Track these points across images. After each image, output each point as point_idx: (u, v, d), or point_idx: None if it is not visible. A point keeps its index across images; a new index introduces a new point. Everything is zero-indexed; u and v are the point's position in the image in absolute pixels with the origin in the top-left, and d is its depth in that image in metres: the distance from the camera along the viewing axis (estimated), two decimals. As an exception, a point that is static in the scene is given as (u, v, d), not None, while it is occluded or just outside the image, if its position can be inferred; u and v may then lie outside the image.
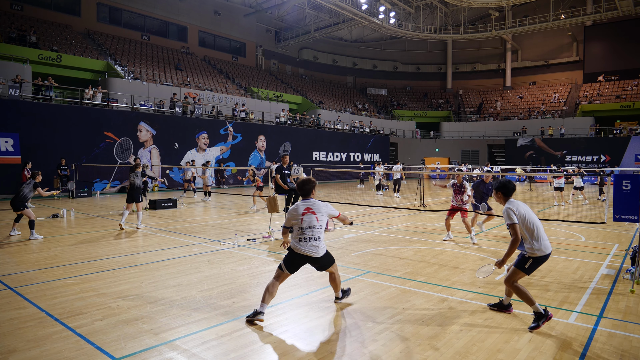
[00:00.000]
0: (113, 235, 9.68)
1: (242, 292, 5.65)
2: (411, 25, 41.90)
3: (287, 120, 31.04)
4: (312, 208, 4.90)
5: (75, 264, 7.03)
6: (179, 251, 8.09)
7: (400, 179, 20.53)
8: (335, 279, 5.12)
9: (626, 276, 6.35)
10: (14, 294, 5.43)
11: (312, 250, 4.77)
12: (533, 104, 42.93)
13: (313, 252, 4.77)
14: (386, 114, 45.34)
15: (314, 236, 4.81)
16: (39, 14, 26.77)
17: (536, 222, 4.57)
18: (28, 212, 9.30)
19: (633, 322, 4.66)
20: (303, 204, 4.95)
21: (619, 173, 16.06)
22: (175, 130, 23.22)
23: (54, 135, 18.63)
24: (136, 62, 27.85)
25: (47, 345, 3.97)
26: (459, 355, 3.85)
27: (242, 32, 39.07)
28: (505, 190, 4.69)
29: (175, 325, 4.45)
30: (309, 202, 4.95)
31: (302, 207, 4.91)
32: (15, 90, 18.08)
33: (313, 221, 4.83)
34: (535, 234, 4.51)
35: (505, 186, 4.69)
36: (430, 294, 5.56)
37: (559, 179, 16.27)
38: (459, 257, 7.78)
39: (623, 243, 9.14)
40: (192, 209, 15.04)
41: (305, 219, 4.83)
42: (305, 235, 4.80)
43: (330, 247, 8.50)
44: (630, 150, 32.00)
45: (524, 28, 39.48)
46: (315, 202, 4.98)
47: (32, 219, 9.29)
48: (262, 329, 4.40)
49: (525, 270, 4.56)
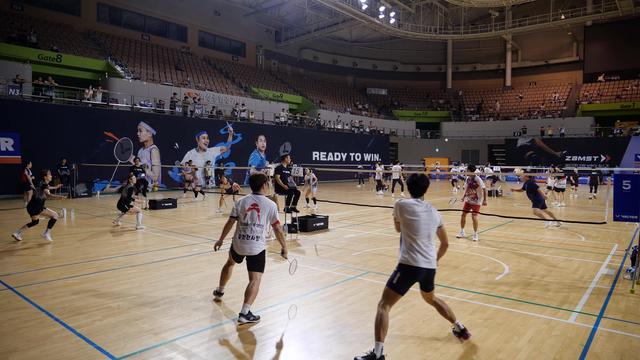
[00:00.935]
0: (113, 235, 9.68)
1: (242, 292, 5.64)
2: (411, 25, 41.89)
3: (287, 120, 31.04)
4: (258, 205, 4.93)
5: (75, 264, 7.03)
6: (179, 251, 8.09)
7: (399, 179, 20.54)
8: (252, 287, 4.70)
9: (626, 276, 6.35)
10: (14, 294, 5.43)
11: (248, 248, 4.83)
12: (533, 104, 42.93)
13: (248, 250, 4.83)
14: (386, 114, 45.34)
15: (253, 235, 4.85)
16: (39, 14, 26.77)
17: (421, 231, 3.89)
18: (48, 212, 8.94)
19: (633, 322, 4.66)
20: (252, 198, 5.00)
21: (619, 173, 16.09)
22: (175, 130, 23.22)
23: (54, 135, 18.63)
24: (136, 62, 27.85)
25: (47, 345, 3.97)
26: (459, 355, 3.85)
27: (242, 32, 39.06)
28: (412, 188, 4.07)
29: (175, 325, 4.45)
30: (257, 198, 4.99)
31: (249, 201, 4.96)
32: (15, 90, 18.07)
33: (255, 218, 4.88)
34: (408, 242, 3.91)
35: (414, 184, 4.05)
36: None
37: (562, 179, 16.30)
38: (459, 257, 7.77)
39: (623, 243, 9.14)
40: (192, 209, 15.04)
41: (248, 215, 4.90)
42: (245, 232, 4.86)
43: (331, 247, 8.50)
44: (630, 150, 31.99)
45: (524, 28, 39.48)
46: (262, 199, 4.99)
47: (54, 219, 8.91)
48: (262, 329, 4.40)
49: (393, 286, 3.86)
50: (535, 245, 8.94)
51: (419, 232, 3.87)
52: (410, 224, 3.89)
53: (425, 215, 3.91)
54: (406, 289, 3.86)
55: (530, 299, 5.40)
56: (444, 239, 4.13)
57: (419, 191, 4.03)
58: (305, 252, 8.17)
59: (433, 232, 3.97)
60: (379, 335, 3.64)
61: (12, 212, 13.50)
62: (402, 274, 3.84)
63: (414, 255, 3.84)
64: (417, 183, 4.02)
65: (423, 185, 4.03)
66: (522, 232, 10.52)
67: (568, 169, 28.06)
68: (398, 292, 3.83)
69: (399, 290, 3.83)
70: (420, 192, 4.03)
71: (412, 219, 3.88)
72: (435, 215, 3.99)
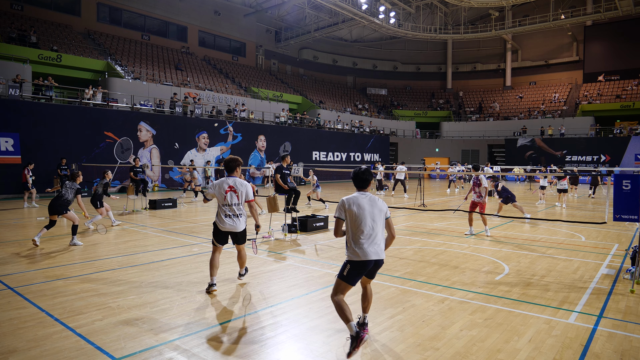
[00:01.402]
0: (113, 236, 9.68)
1: (242, 292, 5.65)
2: (411, 25, 41.89)
3: (287, 120, 31.03)
4: (234, 187, 5.52)
5: (75, 264, 7.03)
6: (179, 251, 8.09)
7: (403, 180, 20.50)
8: (241, 257, 5.85)
9: (626, 276, 6.35)
10: (14, 294, 5.43)
11: (232, 225, 5.51)
12: (533, 103, 42.93)
13: (232, 227, 5.51)
14: (386, 114, 45.34)
15: (237, 212, 5.53)
16: (39, 14, 26.77)
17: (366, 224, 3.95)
18: (71, 216, 8.49)
19: (633, 322, 4.66)
20: (227, 180, 5.54)
21: (619, 173, 16.07)
22: (175, 130, 23.22)
23: (54, 135, 18.63)
24: (136, 62, 27.85)
25: (47, 345, 3.97)
26: (459, 355, 3.85)
27: (242, 32, 39.06)
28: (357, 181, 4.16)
29: (175, 325, 4.45)
30: (231, 180, 5.55)
31: (225, 184, 5.51)
32: (15, 90, 18.07)
33: (234, 199, 5.50)
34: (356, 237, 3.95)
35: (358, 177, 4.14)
36: (430, 294, 5.55)
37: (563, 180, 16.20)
38: (459, 257, 7.78)
39: (623, 243, 9.14)
40: (192, 209, 15.04)
41: (227, 197, 5.48)
42: (228, 212, 5.51)
43: (331, 247, 8.50)
44: (630, 150, 31.99)
45: (524, 28, 39.47)
46: (237, 181, 5.58)
47: (75, 224, 8.48)
48: (262, 329, 4.40)
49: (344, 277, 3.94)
50: (535, 245, 8.94)
51: (365, 224, 3.94)
52: (357, 217, 3.95)
53: (369, 206, 4.00)
54: (357, 280, 3.98)
55: (530, 299, 5.40)
56: (390, 231, 4.19)
57: (363, 184, 4.15)
58: (305, 252, 8.17)
59: (380, 223, 4.03)
60: (346, 319, 3.81)
61: (12, 212, 13.50)
62: (352, 268, 3.94)
63: (362, 248, 3.91)
64: (361, 176, 4.14)
65: (366, 178, 4.15)
66: (522, 232, 10.53)
67: (566, 169, 28.00)
68: (348, 284, 3.95)
69: (350, 282, 3.95)
70: (365, 185, 4.15)
71: (358, 211, 3.95)
72: (380, 205, 4.07)
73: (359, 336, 3.71)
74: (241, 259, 5.87)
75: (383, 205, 4.10)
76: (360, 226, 3.94)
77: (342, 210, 4.02)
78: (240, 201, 5.52)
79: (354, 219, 3.96)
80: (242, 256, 5.85)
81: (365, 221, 3.95)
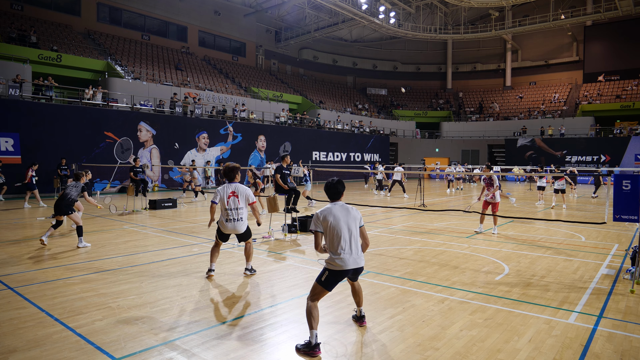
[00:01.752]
0: (113, 235, 9.68)
1: (242, 292, 5.65)
2: (411, 25, 41.89)
3: (287, 120, 31.04)
4: (235, 192, 5.99)
5: (75, 264, 7.03)
6: (179, 251, 8.09)
7: (400, 181, 20.48)
8: (247, 250, 6.28)
9: (626, 276, 6.35)
10: (14, 294, 5.43)
11: (233, 228, 5.99)
12: (533, 104, 42.93)
13: (233, 229, 6.01)
14: (386, 114, 45.34)
15: (237, 217, 5.97)
16: (39, 14, 26.77)
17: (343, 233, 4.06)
18: (75, 217, 8.37)
19: (633, 322, 4.66)
20: (229, 187, 6.00)
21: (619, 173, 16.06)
22: (175, 130, 23.22)
23: (54, 135, 18.63)
24: (136, 62, 27.85)
25: (47, 345, 3.98)
26: (459, 355, 3.85)
27: (242, 32, 39.06)
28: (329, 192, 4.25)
29: (175, 325, 4.45)
30: (233, 186, 6.04)
31: (228, 190, 5.98)
32: (15, 90, 18.07)
33: (236, 203, 5.97)
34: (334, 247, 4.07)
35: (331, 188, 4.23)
36: (430, 294, 5.55)
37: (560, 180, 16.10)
38: (459, 257, 7.78)
39: (623, 243, 9.14)
40: (192, 209, 15.04)
41: (230, 201, 5.94)
42: (230, 216, 5.95)
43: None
44: (630, 150, 31.99)
45: (524, 28, 39.47)
46: (238, 186, 6.04)
47: (79, 225, 8.36)
48: (262, 329, 4.40)
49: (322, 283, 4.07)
50: (535, 245, 8.94)
51: (341, 232, 4.05)
52: (333, 227, 4.05)
53: (343, 216, 4.12)
54: (333, 286, 4.11)
55: (530, 299, 5.40)
56: (364, 240, 4.28)
57: (336, 196, 4.25)
58: (305, 252, 8.17)
59: (355, 230, 4.14)
60: (311, 325, 3.91)
61: (12, 212, 13.50)
62: (330, 275, 4.07)
63: (341, 258, 4.02)
64: (333, 189, 4.24)
65: (340, 190, 4.25)
66: (522, 232, 10.53)
67: (564, 169, 28.00)
68: (325, 289, 4.09)
69: (327, 288, 4.08)
70: (337, 197, 4.25)
71: (334, 222, 4.06)
72: (354, 213, 4.20)
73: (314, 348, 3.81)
74: (247, 251, 6.28)
75: (357, 213, 4.22)
76: (337, 236, 4.04)
77: (317, 222, 4.11)
78: (241, 205, 6.00)
79: (331, 230, 4.05)
80: (248, 249, 6.27)
81: (342, 231, 4.05)
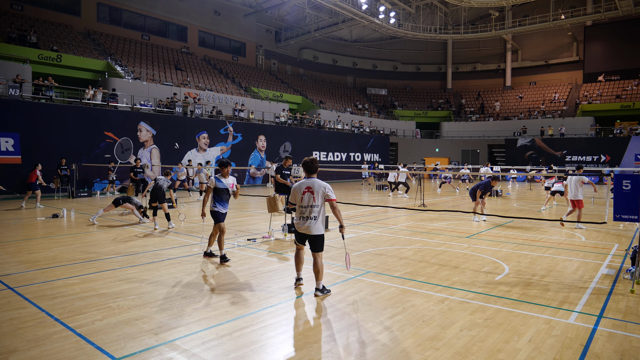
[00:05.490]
0: (113, 235, 9.68)
1: (242, 292, 5.65)
2: (411, 25, 41.89)
3: (287, 120, 31.04)
4: (312, 188, 5.39)
5: (75, 264, 7.03)
6: (179, 251, 8.09)
7: (405, 182, 20.34)
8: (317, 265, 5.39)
9: (626, 276, 6.35)
10: (14, 294, 5.43)
11: (307, 227, 5.37)
12: (533, 104, 42.93)
13: (306, 229, 5.38)
14: (386, 114, 45.34)
15: (311, 215, 5.36)
16: (39, 14, 26.77)
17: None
18: (165, 206, 10.63)
19: (633, 322, 4.66)
20: (305, 182, 5.50)
21: (619, 173, 16.02)
22: (175, 130, 23.22)
23: (54, 135, 18.63)
24: (136, 62, 27.85)
25: (47, 345, 3.97)
26: (459, 355, 3.85)
27: (242, 32, 39.06)
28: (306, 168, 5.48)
29: (175, 325, 4.46)
30: (310, 182, 5.47)
31: (304, 185, 5.47)
32: (15, 90, 18.07)
33: (310, 201, 5.38)
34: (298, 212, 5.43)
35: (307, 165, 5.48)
36: (430, 294, 5.55)
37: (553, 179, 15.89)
38: (459, 257, 7.78)
39: (623, 243, 9.14)
40: (191, 209, 15.03)
41: (305, 198, 5.41)
42: (304, 215, 5.42)
43: (331, 247, 8.50)
44: (630, 150, 31.99)
45: (524, 28, 39.48)
46: (315, 182, 5.45)
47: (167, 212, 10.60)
48: (262, 329, 4.40)
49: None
50: (535, 245, 8.94)
51: (304, 202, 5.30)
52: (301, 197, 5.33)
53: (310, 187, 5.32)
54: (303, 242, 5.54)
55: (530, 299, 5.40)
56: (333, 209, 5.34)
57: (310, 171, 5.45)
58: (306, 252, 8.15)
59: (319, 201, 5.32)
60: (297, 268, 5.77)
61: (12, 212, 13.50)
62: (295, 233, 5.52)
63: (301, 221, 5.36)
64: (309, 164, 5.45)
65: (315, 166, 5.47)
66: (522, 232, 10.53)
67: (562, 169, 27.94)
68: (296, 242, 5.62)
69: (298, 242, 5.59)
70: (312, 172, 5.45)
71: (301, 192, 5.35)
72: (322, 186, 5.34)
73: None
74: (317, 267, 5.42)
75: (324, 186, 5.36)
76: (301, 203, 5.34)
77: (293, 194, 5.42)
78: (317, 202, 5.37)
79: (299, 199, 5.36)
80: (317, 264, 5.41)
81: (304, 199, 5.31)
